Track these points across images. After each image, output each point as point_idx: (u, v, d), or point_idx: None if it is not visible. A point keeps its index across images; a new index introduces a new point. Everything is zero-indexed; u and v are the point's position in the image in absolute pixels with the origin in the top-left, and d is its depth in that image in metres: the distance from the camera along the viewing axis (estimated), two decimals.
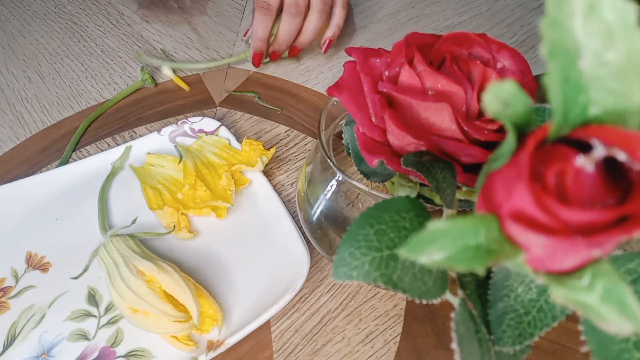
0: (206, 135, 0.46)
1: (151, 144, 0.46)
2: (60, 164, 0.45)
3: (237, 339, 0.33)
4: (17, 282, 0.37)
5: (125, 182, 0.43)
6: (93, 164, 0.44)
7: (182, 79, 0.54)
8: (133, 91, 0.53)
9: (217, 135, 0.46)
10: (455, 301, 0.21)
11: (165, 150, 0.45)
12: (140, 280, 0.32)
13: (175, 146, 0.45)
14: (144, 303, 0.31)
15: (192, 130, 0.47)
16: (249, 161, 0.43)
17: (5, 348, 0.33)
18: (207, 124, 0.47)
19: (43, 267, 0.38)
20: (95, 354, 0.33)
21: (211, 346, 0.33)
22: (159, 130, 0.47)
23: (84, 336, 0.34)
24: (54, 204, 0.42)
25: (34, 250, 0.39)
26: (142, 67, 0.54)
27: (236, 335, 0.33)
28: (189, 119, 0.47)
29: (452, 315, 0.20)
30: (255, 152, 0.43)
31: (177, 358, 0.32)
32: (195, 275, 0.36)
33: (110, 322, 0.35)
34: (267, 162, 0.43)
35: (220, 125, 0.47)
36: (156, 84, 0.54)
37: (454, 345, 0.19)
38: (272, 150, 0.44)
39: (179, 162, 0.43)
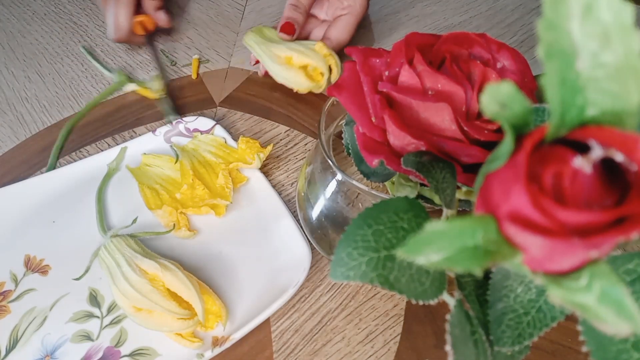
0: (201, 134, 0.46)
1: (146, 144, 0.46)
2: (47, 171, 0.45)
3: (243, 334, 0.33)
4: (16, 285, 0.37)
5: (123, 183, 0.43)
6: (88, 166, 0.44)
7: (183, 79, 0.54)
8: (110, 93, 0.53)
9: (212, 134, 0.46)
10: (452, 302, 0.21)
11: (160, 151, 0.45)
12: (144, 279, 0.33)
13: (171, 146, 0.45)
14: (147, 301, 0.32)
15: (187, 129, 0.47)
16: (246, 159, 0.43)
17: (8, 351, 0.33)
18: (202, 123, 0.47)
19: (42, 269, 0.38)
20: (100, 354, 0.33)
21: (216, 342, 0.33)
22: (153, 131, 0.47)
23: (88, 337, 0.34)
24: (51, 206, 0.42)
25: (33, 254, 0.39)
26: (117, 69, 0.54)
27: (241, 330, 0.33)
28: (183, 118, 0.48)
29: (448, 317, 0.20)
30: (252, 149, 0.43)
31: (183, 355, 0.33)
32: (197, 273, 0.36)
33: (113, 322, 0.35)
34: (264, 159, 0.43)
35: (216, 124, 0.47)
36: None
37: (447, 348, 0.19)
38: (269, 148, 0.44)
39: (176, 162, 0.43)
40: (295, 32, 0.48)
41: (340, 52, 0.55)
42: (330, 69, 0.47)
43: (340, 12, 0.53)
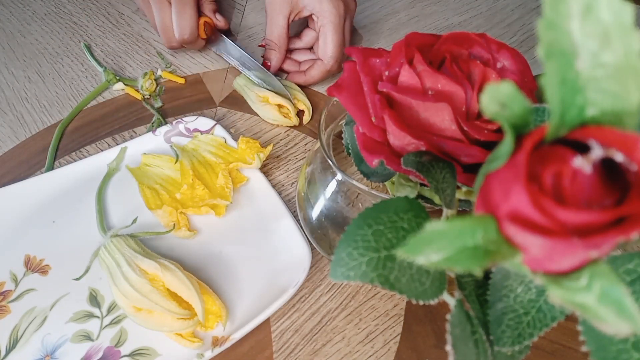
0: (201, 134, 0.46)
1: (146, 144, 0.46)
2: (46, 172, 0.45)
3: (243, 334, 0.33)
4: (16, 285, 0.37)
5: (123, 183, 0.43)
6: (88, 166, 0.44)
7: (183, 77, 0.54)
8: (99, 93, 0.53)
9: (212, 134, 0.46)
10: (452, 302, 0.21)
11: (160, 151, 0.45)
12: (144, 279, 0.33)
13: (171, 146, 0.45)
14: (147, 301, 0.32)
15: (187, 129, 0.47)
16: (246, 159, 0.43)
17: (8, 351, 0.33)
18: (202, 123, 0.47)
19: (42, 269, 0.38)
20: (100, 354, 0.33)
21: (216, 342, 0.33)
22: (153, 131, 0.47)
23: (88, 337, 0.34)
24: (51, 206, 0.42)
25: (33, 254, 0.38)
26: (105, 68, 0.54)
27: (241, 330, 0.33)
28: (183, 118, 0.48)
29: (448, 317, 0.20)
30: (252, 149, 0.43)
31: (183, 355, 0.33)
32: (197, 273, 0.36)
33: (113, 322, 0.35)
34: (264, 159, 0.43)
35: (216, 124, 0.47)
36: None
37: (448, 348, 0.19)
38: (269, 148, 0.44)
39: (176, 162, 0.43)
40: (269, 67, 0.52)
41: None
42: (300, 112, 0.51)
43: (319, 25, 0.51)
